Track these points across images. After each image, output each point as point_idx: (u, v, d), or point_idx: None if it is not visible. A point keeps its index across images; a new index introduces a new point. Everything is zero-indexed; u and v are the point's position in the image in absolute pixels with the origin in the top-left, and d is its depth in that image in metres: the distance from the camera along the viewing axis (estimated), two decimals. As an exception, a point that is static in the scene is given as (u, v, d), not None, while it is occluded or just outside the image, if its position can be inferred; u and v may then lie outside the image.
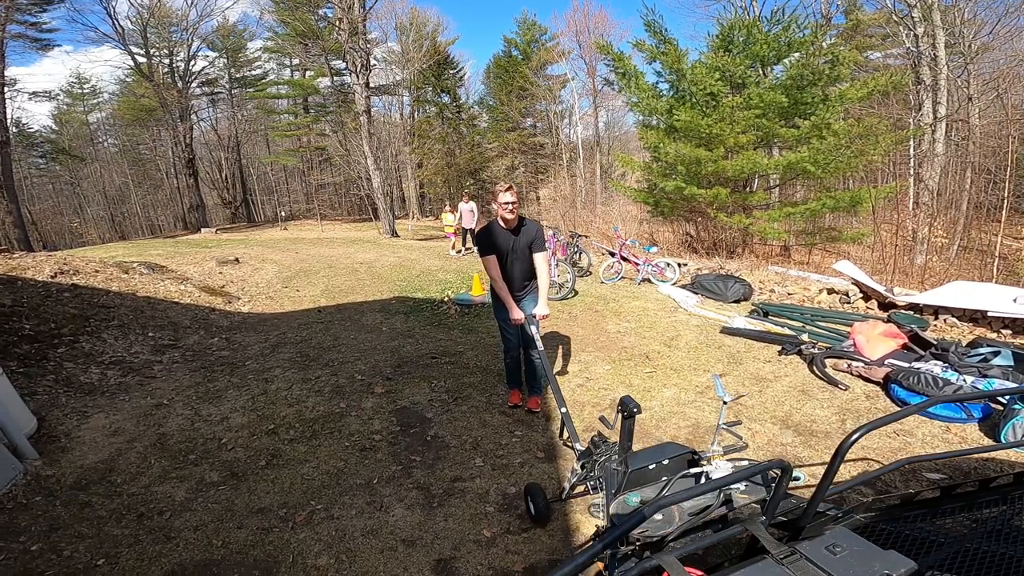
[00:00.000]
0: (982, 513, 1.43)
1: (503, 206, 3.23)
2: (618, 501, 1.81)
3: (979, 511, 1.44)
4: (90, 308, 5.96)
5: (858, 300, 6.29)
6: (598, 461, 2.30)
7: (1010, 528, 1.32)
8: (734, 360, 4.64)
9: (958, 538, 1.33)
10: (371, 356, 5.11)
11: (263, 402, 4.25)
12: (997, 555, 1.21)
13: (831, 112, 10.15)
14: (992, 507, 1.44)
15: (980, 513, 1.44)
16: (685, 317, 5.83)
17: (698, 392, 4.08)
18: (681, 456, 1.96)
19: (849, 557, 1.15)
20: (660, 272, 7.45)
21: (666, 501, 1.15)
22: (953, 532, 1.38)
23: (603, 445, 2.40)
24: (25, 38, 24.81)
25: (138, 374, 5.05)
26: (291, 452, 3.50)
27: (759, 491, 1.65)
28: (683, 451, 1.98)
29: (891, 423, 1.69)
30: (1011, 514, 1.38)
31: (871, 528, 1.38)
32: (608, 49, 12.84)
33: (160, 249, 12.94)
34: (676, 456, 1.95)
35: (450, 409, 3.95)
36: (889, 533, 1.35)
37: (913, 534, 1.34)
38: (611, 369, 4.55)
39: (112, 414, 4.18)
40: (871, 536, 1.28)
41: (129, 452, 3.58)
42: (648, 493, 1.83)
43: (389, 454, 3.42)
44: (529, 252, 3.39)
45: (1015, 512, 1.39)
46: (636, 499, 1.79)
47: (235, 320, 6.63)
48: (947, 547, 1.28)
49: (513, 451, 3.37)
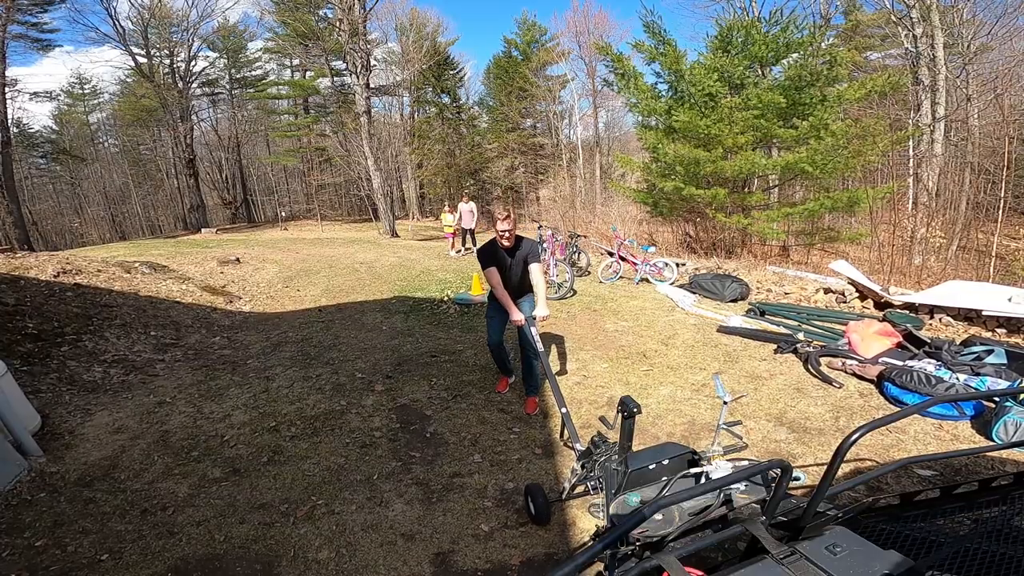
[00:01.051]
0: (982, 513, 1.44)
1: (500, 233, 3.53)
2: (618, 501, 1.82)
3: (979, 511, 1.45)
4: (92, 307, 6.01)
5: (854, 299, 6.33)
6: (598, 461, 2.31)
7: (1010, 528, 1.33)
8: (730, 359, 4.69)
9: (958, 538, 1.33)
10: (371, 355, 5.15)
11: (264, 400, 4.30)
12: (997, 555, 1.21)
13: (829, 113, 10.19)
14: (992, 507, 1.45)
15: (980, 513, 1.44)
16: (682, 316, 5.88)
17: (694, 390, 4.13)
18: (681, 456, 1.97)
19: (849, 557, 1.16)
20: (658, 272, 7.49)
21: (666, 501, 1.16)
22: (953, 532, 1.39)
23: (603, 445, 2.41)
24: (26, 38, 24.86)
25: (140, 372, 5.10)
26: (292, 449, 3.54)
27: (759, 491, 1.66)
28: (683, 451, 1.99)
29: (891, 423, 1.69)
30: (1011, 514, 1.39)
31: (871, 528, 1.39)
32: (607, 50, 12.87)
33: (161, 249, 12.99)
34: (676, 456, 1.96)
35: (449, 407, 4.00)
36: (889, 533, 1.36)
37: (913, 534, 1.34)
38: (609, 367, 4.59)
39: (115, 411, 4.23)
40: (871, 536, 1.29)
41: (132, 449, 3.63)
42: (648, 493, 1.83)
43: (389, 450, 3.47)
44: (524, 265, 3.65)
45: (1015, 512, 1.39)
46: (636, 499, 1.80)
47: (236, 319, 6.69)
48: (947, 547, 1.28)
49: (511, 448, 3.41)
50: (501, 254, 3.60)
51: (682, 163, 11.07)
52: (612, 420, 2.41)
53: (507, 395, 4.14)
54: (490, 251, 3.60)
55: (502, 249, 3.59)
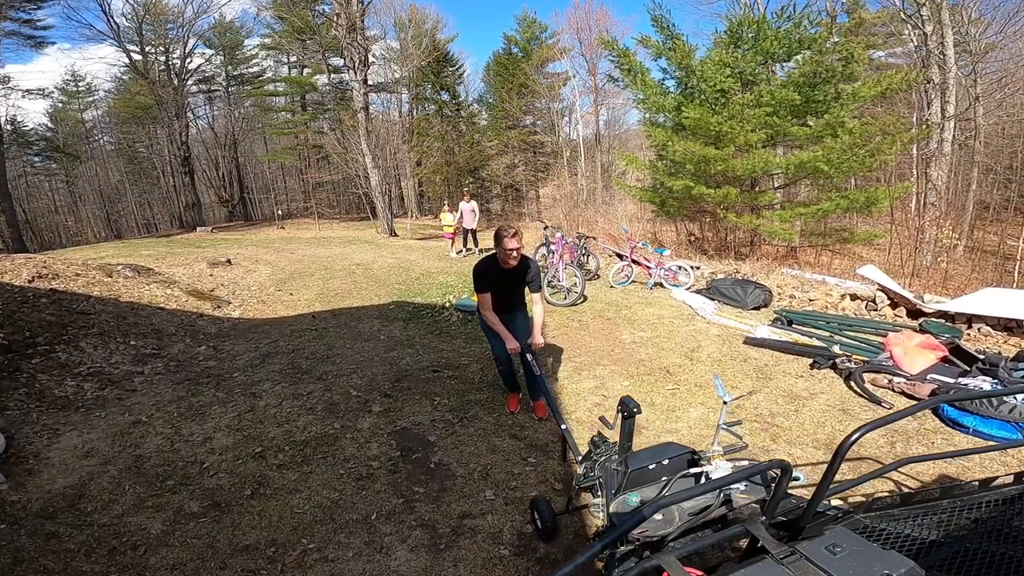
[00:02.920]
0: (982, 513, 1.42)
1: (507, 252, 3.25)
2: (618, 501, 1.80)
3: (979, 511, 1.43)
4: (68, 315, 5.59)
5: (885, 307, 5.95)
6: (598, 461, 2.26)
7: (1010, 528, 1.32)
8: (763, 375, 4.29)
9: (958, 538, 1.32)
10: (368, 368, 4.74)
11: (250, 421, 3.90)
12: (997, 555, 1.21)
13: (845, 110, 9.81)
14: (992, 507, 1.43)
15: (980, 513, 1.43)
16: (704, 326, 5.46)
17: (728, 412, 3.73)
18: (681, 456, 1.95)
19: (849, 557, 1.13)
20: (673, 276, 7.07)
21: (666, 501, 1.16)
22: (953, 532, 1.37)
23: (603, 445, 2.35)
24: (19, 35, 24.33)
25: (117, 387, 4.70)
26: (280, 480, 3.15)
27: (759, 491, 1.64)
28: (683, 451, 1.97)
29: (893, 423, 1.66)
30: (1011, 514, 1.38)
31: (871, 528, 1.38)
32: (613, 45, 12.46)
33: (151, 249, 12.57)
34: (676, 456, 1.94)
35: (455, 431, 3.59)
36: (889, 533, 1.35)
37: (913, 534, 1.34)
38: (630, 386, 4.18)
39: (86, 432, 3.84)
40: (871, 536, 1.28)
41: (102, 476, 3.26)
42: (648, 493, 1.81)
43: (389, 484, 3.07)
44: (522, 282, 3.48)
45: (1015, 512, 1.38)
46: (636, 499, 1.77)
47: (224, 327, 6.25)
48: (947, 547, 1.27)
49: (527, 481, 3.02)
50: (499, 273, 3.37)
51: (692, 161, 10.68)
52: (612, 420, 2.29)
53: (519, 417, 3.74)
54: (487, 270, 3.36)
55: (503, 267, 3.34)
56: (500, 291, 3.41)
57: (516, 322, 3.54)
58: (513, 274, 3.39)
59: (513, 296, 3.52)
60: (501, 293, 3.41)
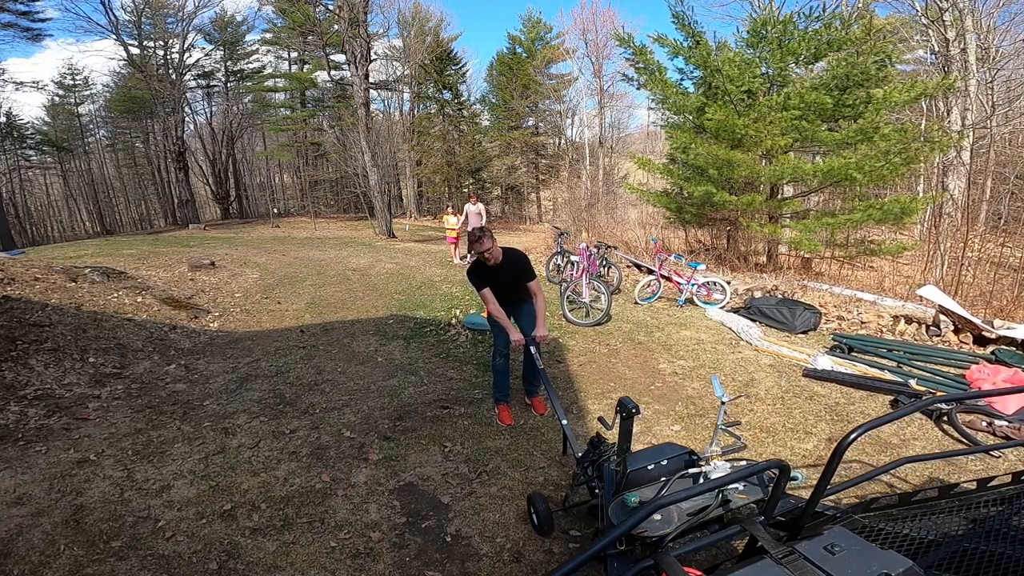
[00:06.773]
0: (981, 513, 1.41)
1: (483, 253, 3.34)
2: (617, 501, 1.78)
3: (978, 511, 1.42)
4: (19, 327, 4.84)
5: (949, 332, 5.28)
6: (597, 462, 2.23)
7: (1009, 528, 1.31)
8: (837, 416, 3.58)
9: (957, 538, 1.32)
10: (363, 400, 4.01)
11: (219, 465, 3.19)
12: (996, 555, 1.20)
13: (880, 115, 9.17)
14: (991, 507, 1.42)
15: (979, 513, 1.41)
16: (752, 354, 4.72)
17: (807, 462, 3.04)
18: (679, 456, 1.96)
19: (848, 557, 1.10)
20: (708, 293, 6.35)
21: (665, 501, 1.14)
22: (952, 532, 1.36)
23: (602, 446, 2.31)
24: (16, 27, 23.48)
25: (66, 414, 3.98)
26: (254, 551, 2.48)
27: (757, 491, 1.65)
28: (681, 451, 1.97)
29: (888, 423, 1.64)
30: (1010, 514, 1.37)
31: (870, 528, 1.38)
32: (628, 42, 11.77)
33: (135, 248, 11.82)
34: (674, 456, 1.95)
35: (474, 490, 2.88)
36: (888, 533, 1.35)
37: (912, 534, 1.33)
38: (682, 430, 3.47)
39: (21, 472, 3.17)
40: (870, 536, 1.27)
41: (32, 531, 2.63)
42: (647, 493, 1.79)
43: (394, 565, 2.38)
44: (516, 277, 3.51)
45: (1014, 512, 1.38)
46: (635, 499, 1.73)
47: (200, 341, 5.50)
48: (946, 547, 1.28)
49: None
50: (489, 271, 3.42)
51: (714, 165, 10.01)
52: (611, 421, 2.22)
53: (551, 474, 3.02)
54: (480, 272, 3.45)
55: (491, 266, 3.40)
56: (498, 287, 3.45)
57: (519, 315, 3.60)
58: (502, 269, 3.43)
59: (512, 290, 3.54)
60: (499, 289, 3.45)
